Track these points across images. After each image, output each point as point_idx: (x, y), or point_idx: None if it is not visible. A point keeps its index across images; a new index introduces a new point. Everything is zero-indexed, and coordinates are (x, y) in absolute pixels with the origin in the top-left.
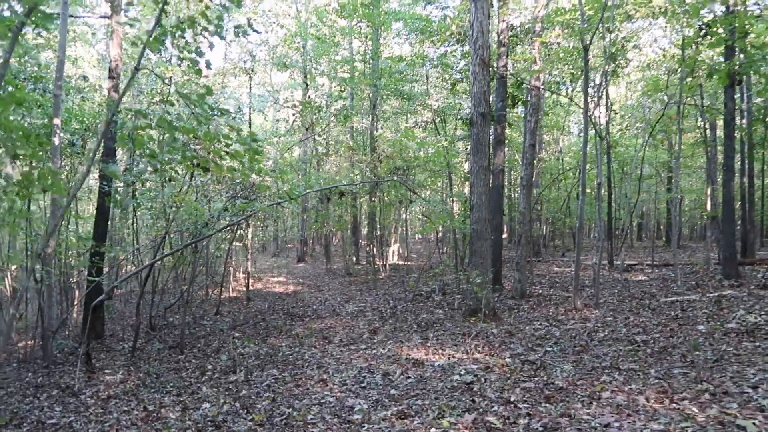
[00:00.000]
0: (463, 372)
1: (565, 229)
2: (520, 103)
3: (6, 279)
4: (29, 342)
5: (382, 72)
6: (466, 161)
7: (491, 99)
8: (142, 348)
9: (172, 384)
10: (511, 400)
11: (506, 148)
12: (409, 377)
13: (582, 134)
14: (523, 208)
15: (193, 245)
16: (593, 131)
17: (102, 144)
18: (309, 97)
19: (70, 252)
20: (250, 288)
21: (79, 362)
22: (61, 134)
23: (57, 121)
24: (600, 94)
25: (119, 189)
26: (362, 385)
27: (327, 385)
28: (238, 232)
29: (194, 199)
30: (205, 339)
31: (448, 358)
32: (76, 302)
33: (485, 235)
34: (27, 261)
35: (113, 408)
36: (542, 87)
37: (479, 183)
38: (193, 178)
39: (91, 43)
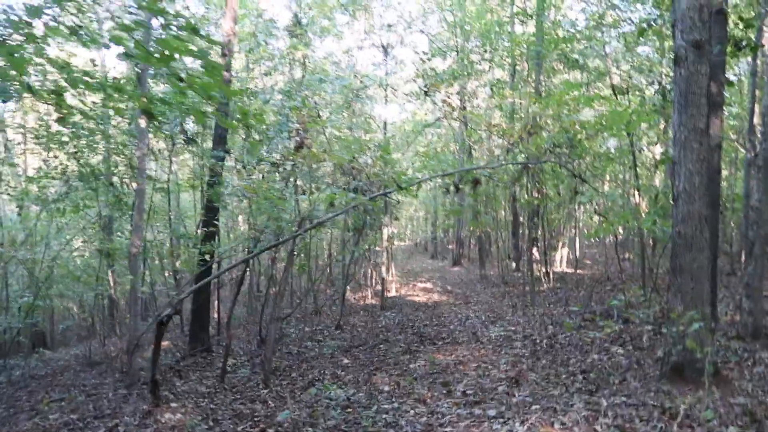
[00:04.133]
0: None
1: None
2: (748, 48)
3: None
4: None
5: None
6: (656, 143)
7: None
8: (235, 370)
9: None
10: None
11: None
12: None
13: None
14: (758, 200)
15: (293, 244)
16: None
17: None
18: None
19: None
20: (391, 295)
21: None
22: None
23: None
24: None
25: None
26: None
27: None
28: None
29: (283, 190)
30: (307, 364)
31: None
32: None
33: (700, 242)
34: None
35: None
36: None
37: (689, 156)
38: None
39: None
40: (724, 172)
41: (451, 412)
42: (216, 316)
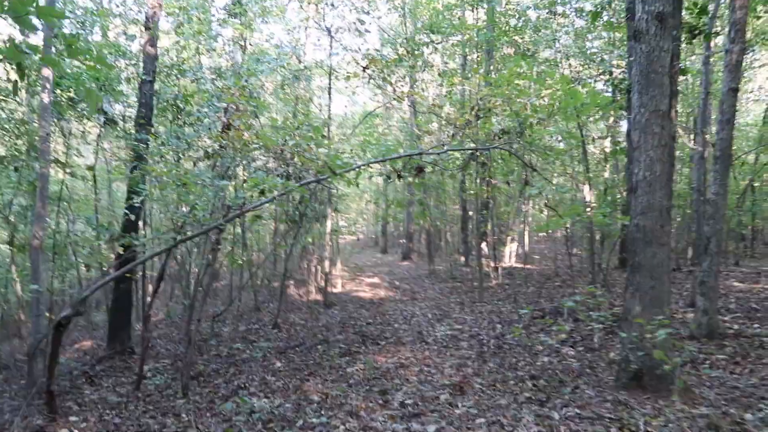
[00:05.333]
0: None
1: (739, 229)
2: (701, 36)
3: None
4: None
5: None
6: (607, 136)
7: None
8: (156, 375)
9: None
10: None
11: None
12: None
13: None
14: (715, 193)
15: (217, 235)
16: None
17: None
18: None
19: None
20: (337, 291)
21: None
22: (51, 89)
23: (47, 72)
24: None
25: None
26: None
27: None
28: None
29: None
30: (235, 368)
31: None
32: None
33: (661, 236)
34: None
35: None
36: None
37: (650, 142)
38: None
39: None
40: None
41: (386, 428)
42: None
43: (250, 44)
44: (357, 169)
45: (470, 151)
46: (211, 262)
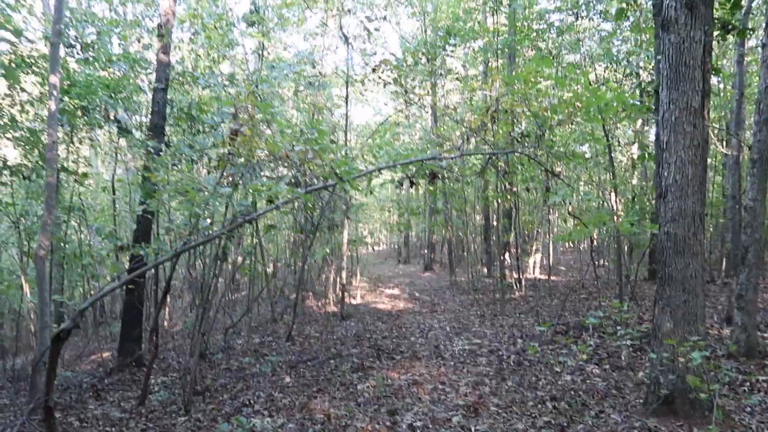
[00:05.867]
0: None
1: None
2: (735, 33)
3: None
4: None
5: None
6: (633, 142)
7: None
8: (165, 389)
9: None
10: None
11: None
12: None
13: None
14: (753, 199)
15: (224, 243)
16: None
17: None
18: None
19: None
20: (356, 302)
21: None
22: (59, 96)
23: (54, 79)
24: None
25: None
26: None
27: None
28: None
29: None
30: (243, 383)
31: None
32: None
33: (694, 245)
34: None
35: None
36: None
37: (681, 142)
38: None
39: None
40: None
41: None
42: (165, 324)
43: (268, 53)
44: (366, 176)
45: (487, 156)
46: (216, 273)
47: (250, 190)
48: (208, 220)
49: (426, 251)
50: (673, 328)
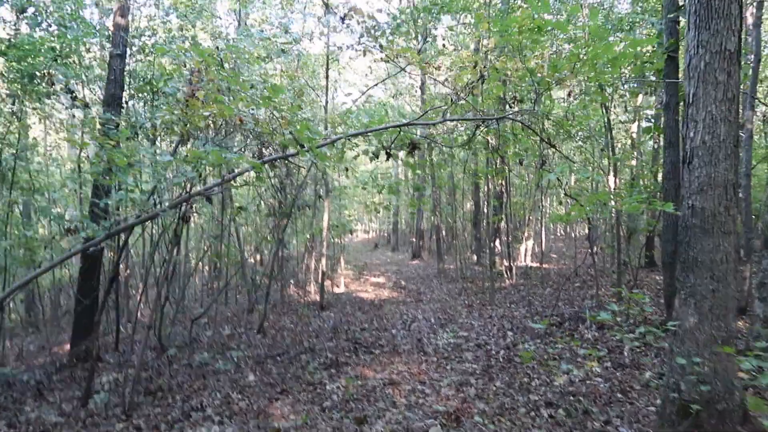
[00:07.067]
0: None
1: None
2: None
3: None
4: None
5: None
6: (634, 120)
7: None
8: (116, 388)
9: None
10: None
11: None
12: None
13: None
14: None
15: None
16: None
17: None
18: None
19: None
20: (339, 291)
21: None
22: None
23: None
24: None
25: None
26: None
27: None
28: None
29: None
30: (201, 382)
31: None
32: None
33: (726, 223)
34: None
35: None
36: None
37: (712, 94)
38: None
39: None
40: None
41: None
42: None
43: (249, 25)
44: (333, 143)
45: (475, 125)
46: (167, 259)
47: (191, 159)
48: (145, 195)
49: (414, 239)
50: (698, 323)
